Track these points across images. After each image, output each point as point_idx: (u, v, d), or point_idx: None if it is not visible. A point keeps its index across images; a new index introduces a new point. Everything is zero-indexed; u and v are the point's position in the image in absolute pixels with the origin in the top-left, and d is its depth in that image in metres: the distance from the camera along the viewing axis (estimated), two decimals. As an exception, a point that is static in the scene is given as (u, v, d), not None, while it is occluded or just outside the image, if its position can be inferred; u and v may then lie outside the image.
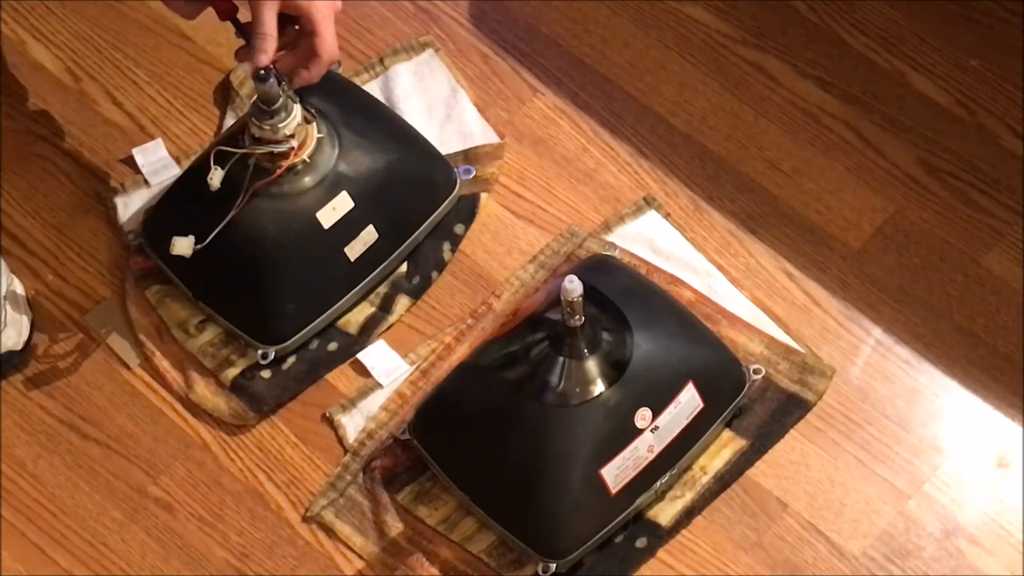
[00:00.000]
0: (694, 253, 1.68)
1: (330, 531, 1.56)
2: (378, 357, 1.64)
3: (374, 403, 1.62)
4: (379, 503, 1.57)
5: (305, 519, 1.57)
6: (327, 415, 1.62)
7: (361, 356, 1.64)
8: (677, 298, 1.62)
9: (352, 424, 1.61)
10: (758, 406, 1.59)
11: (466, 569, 1.53)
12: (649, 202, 1.71)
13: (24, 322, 1.63)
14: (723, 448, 1.57)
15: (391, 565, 1.54)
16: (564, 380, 1.49)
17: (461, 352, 1.63)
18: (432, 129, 1.74)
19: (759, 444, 1.58)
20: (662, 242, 1.69)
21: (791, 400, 1.59)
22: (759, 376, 1.59)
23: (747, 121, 1.76)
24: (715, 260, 1.68)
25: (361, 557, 1.55)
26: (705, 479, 1.56)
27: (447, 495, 1.56)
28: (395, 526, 1.56)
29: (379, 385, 1.63)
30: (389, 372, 1.63)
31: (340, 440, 1.60)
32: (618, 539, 1.53)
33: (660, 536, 1.54)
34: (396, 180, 1.64)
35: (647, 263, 1.67)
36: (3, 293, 1.61)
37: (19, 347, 1.63)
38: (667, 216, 1.70)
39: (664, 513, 1.54)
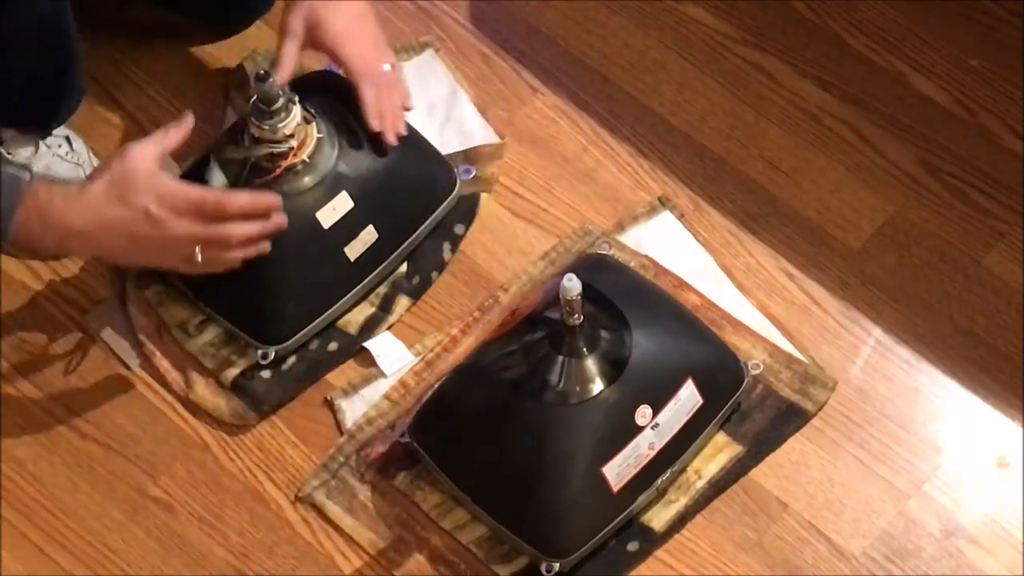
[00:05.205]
0: (705, 257, 1.68)
1: (320, 512, 1.56)
2: (384, 346, 1.64)
3: (376, 391, 1.62)
4: (371, 486, 1.56)
5: (296, 499, 1.56)
6: (328, 399, 1.61)
7: (368, 344, 1.64)
8: (683, 302, 1.62)
9: (352, 409, 1.61)
10: (757, 413, 1.59)
11: (454, 559, 1.53)
12: (664, 203, 1.70)
13: None
14: (719, 452, 1.57)
15: (379, 547, 1.53)
16: (564, 379, 1.49)
17: (467, 344, 1.63)
18: (432, 129, 1.74)
19: (755, 451, 1.57)
20: (674, 244, 1.68)
21: (790, 409, 1.59)
22: (757, 372, 1.59)
23: (747, 121, 1.76)
24: (715, 260, 1.68)
25: (352, 539, 1.54)
26: (700, 484, 1.56)
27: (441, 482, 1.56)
28: (386, 510, 1.55)
29: (383, 374, 1.63)
30: (394, 361, 1.63)
31: (338, 424, 1.60)
32: (611, 543, 1.53)
33: (653, 540, 1.53)
34: (396, 180, 1.64)
35: (656, 264, 1.66)
36: None
37: None
38: (681, 217, 1.70)
39: (658, 518, 1.54)
